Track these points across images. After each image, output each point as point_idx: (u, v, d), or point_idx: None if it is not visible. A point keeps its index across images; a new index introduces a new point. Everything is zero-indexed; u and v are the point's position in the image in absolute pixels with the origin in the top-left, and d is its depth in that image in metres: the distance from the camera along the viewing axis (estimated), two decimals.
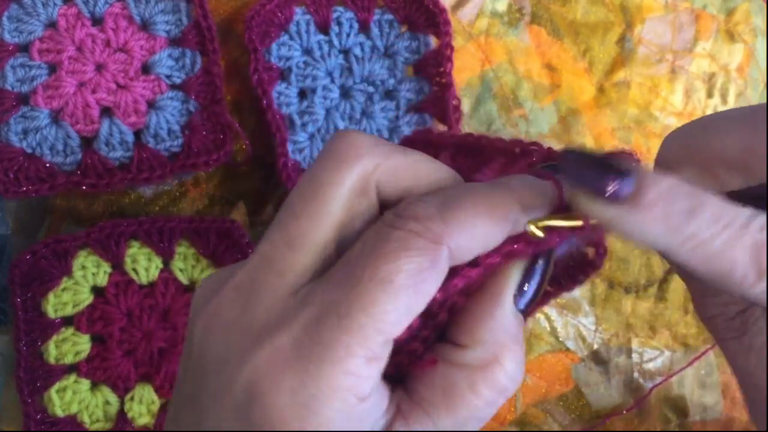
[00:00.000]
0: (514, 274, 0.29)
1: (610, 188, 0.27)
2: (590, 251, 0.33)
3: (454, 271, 0.28)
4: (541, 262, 0.29)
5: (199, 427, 0.28)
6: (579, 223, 0.28)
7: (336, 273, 0.28)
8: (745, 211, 0.27)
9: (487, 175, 0.32)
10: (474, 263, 0.28)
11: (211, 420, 0.27)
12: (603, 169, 0.27)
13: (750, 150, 0.28)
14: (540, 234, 0.28)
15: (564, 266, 0.33)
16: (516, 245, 0.28)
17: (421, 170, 0.30)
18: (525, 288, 0.29)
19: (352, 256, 0.28)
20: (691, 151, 0.29)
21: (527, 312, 0.30)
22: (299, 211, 0.29)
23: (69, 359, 0.51)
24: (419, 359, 0.29)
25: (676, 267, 0.32)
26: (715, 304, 0.31)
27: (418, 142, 0.35)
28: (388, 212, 0.28)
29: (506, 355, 0.28)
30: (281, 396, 0.26)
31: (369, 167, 0.29)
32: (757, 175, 0.28)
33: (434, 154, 0.34)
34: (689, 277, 0.32)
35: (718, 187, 0.29)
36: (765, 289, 0.26)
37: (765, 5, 0.63)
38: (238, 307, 0.28)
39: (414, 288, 0.26)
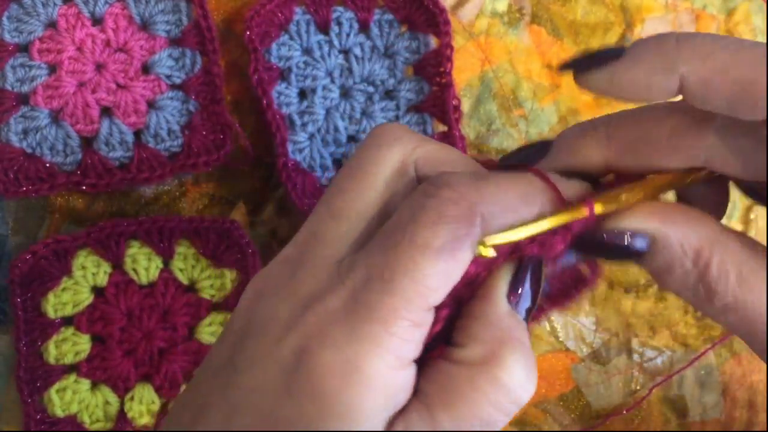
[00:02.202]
0: (504, 274, 0.30)
1: (602, 58, 0.30)
2: (585, 269, 0.34)
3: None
4: (530, 264, 0.30)
5: (226, 394, 0.28)
6: (530, 233, 0.29)
7: (378, 240, 0.29)
8: None
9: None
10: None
11: (247, 382, 0.28)
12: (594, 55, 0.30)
13: (679, 125, 0.30)
14: (491, 253, 0.28)
15: (559, 283, 0.34)
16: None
17: (454, 156, 0.32)
18: (519, 290, 0.30)
19: (391, 224, 0.29)
20: (612, 135, 0.32)
21: (529, 318, 0.31)
22: (344, 186, 0.31)
23: (69, 359, 0.51)
24: (428, 352, 0.29)
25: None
26: (673, 280, 0.32)
27: None
28: (425, 183, 0.30)
29: (507, 355, 0.29)
30: (326, 352, 0.27)
31: (408, 148, 0.31)
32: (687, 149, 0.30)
33: None
34: (643, 264, 0.32)
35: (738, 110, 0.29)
36: None
37: (765, 5, 0.63)
38: (286, 275, 0.30)
39: (451, 253, 0.27)
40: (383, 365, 0.27)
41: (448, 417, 0.28)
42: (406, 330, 0.27)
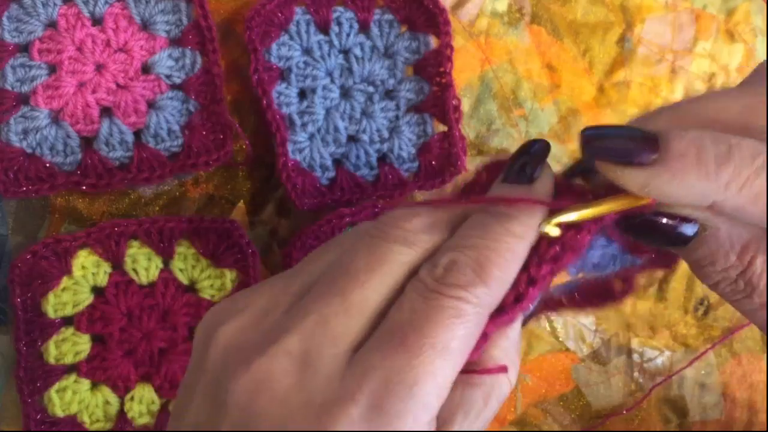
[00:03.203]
0: None
1: (635, 154, 0.27)
2: (618, 284, 0.35)
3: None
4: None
5: None
6: (593, 213, 0.29)
7: (391, 339, 0.28)
8: None
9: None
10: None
11: None
12: (624, 137, 0.28)
13: (750, 107, 0.28)
14: (556, 233, 0.29)
15: (588, 288, 0.35)
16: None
17: (441, 221, 0.31)
18: (531, 306, 0.31)
19: (403, 320, 0.28)
20: (685, 117, 0.29)
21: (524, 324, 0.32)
22: (365, 280, 0.29)
23: (69, 359, 0.51)
24: None
25: (673, 242, 0.32)
26: (714, 271, 0.31)
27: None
28: (426, 274, 0.29)
29: (512, 370, 0.31)
30: None
31: (428, 247, 0.30)
32: (756, 133, 0.28)
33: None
34: (686, 252, 0.32)
35: None
36: None
37: (765, 5, 0.63)
38: (293, 376, 0.28)
39: (466, 351, 0.28)
40: None
41: (458, 426, 0.30)
42: (426, 426, 0.27)
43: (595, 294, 0.35)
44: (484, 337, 0.29)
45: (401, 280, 0.30)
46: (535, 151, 0.32)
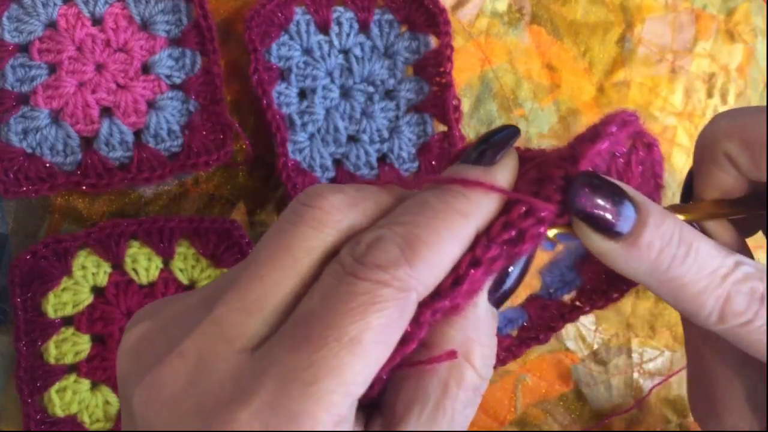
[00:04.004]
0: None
1: (612, 220, 0.27)
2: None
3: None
4: (520, 262, 0.29)
5: None
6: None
7: (294, 332, 0.25)
8: (732, 258, 0.28)
9: (521, 188, 0.31)
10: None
11: None
12: (613, 195, 0.28)
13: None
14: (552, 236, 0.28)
15: (591, 281, 0.34)
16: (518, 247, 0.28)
17: (368, 199, 0.28)
18: (503, 287, 0.28)
19: (310, 310, 0.25)
20: (742, 128, 0.30)
21: (505, 300, 0.29)
22: (264, 273, 0.26)
23: (69, 359, 0.51)
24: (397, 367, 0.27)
25: None
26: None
27: None
28: (345, 254, 0.26)
29: (475, 352, 0.27)
30: None
31: (343, 228, 0.27)
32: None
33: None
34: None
35: (755, 169, 0.30)
36: (722, 329, 0.28)
37: (765, 5, 0.63)
38: (184, 379, 0.25)
39: (384, 342, 0.25)
40: None
41: (415, 423, 0.26)
42: (332, 426, 0.24)
43: (591, 293, 0.35)
44: (418, 326, 0.26)
45: (315, 267, 0.26)
46: (496, 140, 0.29)
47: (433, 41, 0.56)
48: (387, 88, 0.55)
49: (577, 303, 0.34)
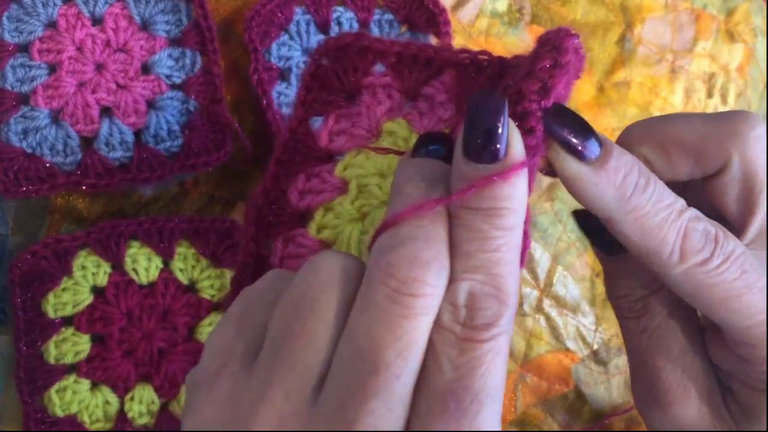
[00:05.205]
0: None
1: (582, 147, 0.29)
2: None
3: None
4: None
5: None
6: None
7: (445, 408, 0.26)
8: (682, 200, 0.30)
9: (439, 89, 0.32)
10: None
11: None
12: (582, 129, 0.30)
13: (707, 137, 0.31)
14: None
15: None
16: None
17: (440, 248, 0.28)
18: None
19: (449, 382, 0.26)
20: (652, 132, 0.32)
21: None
22: (296, 330, 0.27)
23: (69, 359, 0.51)
24: None
25: (599, 245, 0.35)
26: (625, 285, 0.35)
27: (352, 47, 0.33)
28: (451, 322, 0.27)
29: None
30: None
31: (355, 284, 0.28)
32: (708, 162, 0.31)
33: (371, 61, 0.33)
34: (605, 257, 0.35)
35: (669, 169, 0.32)
36: (683, 270, 0.30)
37: (765, 5, 0.63)
38: None
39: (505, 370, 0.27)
40: None
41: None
42: None
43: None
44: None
45: (347, 307, 0.28)
46: (489, 127, 0.28)
47: (433, 41, 0.56)
48: None
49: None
